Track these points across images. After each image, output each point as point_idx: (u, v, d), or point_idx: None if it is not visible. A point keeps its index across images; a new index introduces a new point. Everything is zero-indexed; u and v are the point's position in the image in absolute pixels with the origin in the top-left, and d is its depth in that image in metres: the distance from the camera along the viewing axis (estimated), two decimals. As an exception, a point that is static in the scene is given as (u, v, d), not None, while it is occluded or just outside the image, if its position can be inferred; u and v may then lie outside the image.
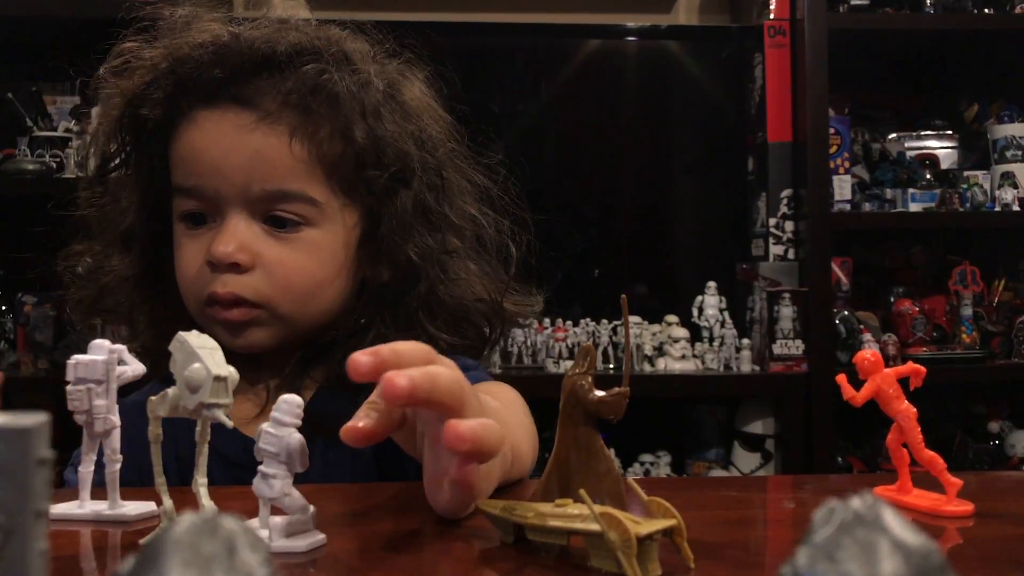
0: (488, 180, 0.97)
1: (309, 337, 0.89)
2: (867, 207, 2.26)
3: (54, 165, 2.11)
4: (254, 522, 0.53)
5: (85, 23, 2.08)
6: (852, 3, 2.22)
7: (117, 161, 0.91)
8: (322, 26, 0.91)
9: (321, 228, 0.86)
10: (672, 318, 2.20)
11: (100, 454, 0.60)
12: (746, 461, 2.23)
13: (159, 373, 0.82)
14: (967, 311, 2.24)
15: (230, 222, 0.84)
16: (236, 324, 0.85)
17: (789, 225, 2.20)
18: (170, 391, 0.51)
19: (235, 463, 0.82)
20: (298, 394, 0.89)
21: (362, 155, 0.86)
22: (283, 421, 0.52)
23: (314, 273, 0.86)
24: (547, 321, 2.18)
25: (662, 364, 2.17)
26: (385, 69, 0.92)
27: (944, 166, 2.42)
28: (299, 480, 0.86)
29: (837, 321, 2.18)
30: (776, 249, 2.20)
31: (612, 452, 2.11)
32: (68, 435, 0.85)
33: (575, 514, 0.48)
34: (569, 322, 2.19)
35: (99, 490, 0.61)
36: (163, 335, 0.90)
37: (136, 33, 0.90)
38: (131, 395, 0.87)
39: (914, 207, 2.25)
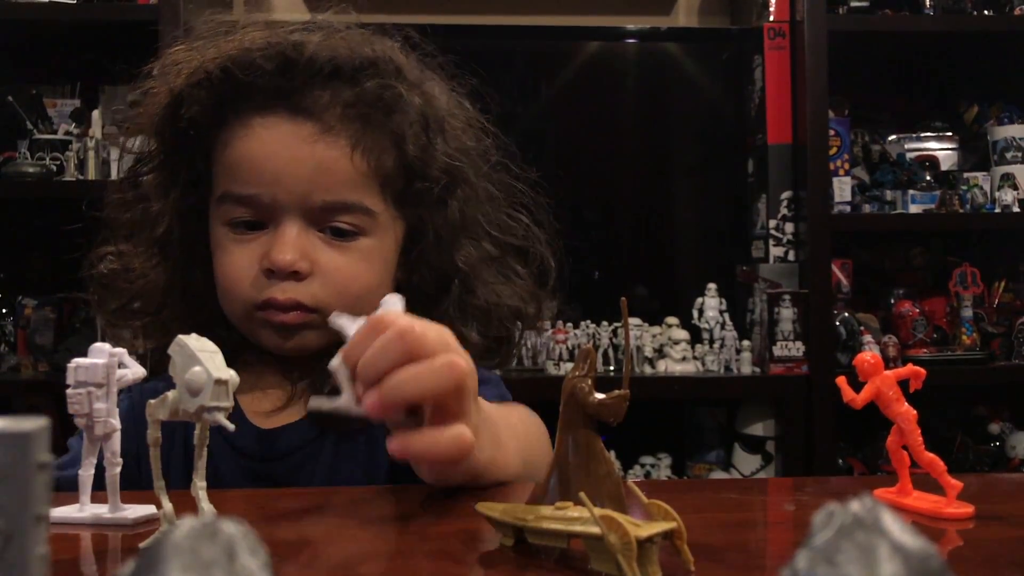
0: (526, 190, 1.00)
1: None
2: (867, 209, 2.26)
3: (54, 168, 2.11)
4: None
5: (86, 26, 2.09)
6: (852, 5, 2.22)
7: (155, 162, 0.90)
8: (371, 35, 0.91)
9: (375, 237, 0.87)
10: (672, 320, 2.20)
11: (100, 457, 0.60)
12: (746, 463, 2.23)
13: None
14: (967, 313, 2.24)
15: (287, 230, 0.84)
16: (290, 327, 0.85)
17: (789, 227, 2.20)
18: (170, 394, 0.51)
19: (248, 455, 0.84)
20: (322, 394, 0.91)
21: (412, 168, 0.87)
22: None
23: (367, 280, 0.87)
24: (547, 323, 2.18)
25: (662, 366, 2.17)
26: (435, 83, 0.93)
27: (944, 168, 2.42)
28: (305, 481, 0.87)
29: (837, 323, 2.18)
30: (776, 251, 2.20)
31: (612, 454, 2.12)
32: (68, 438, 0.86)
33: (575, 517, 0.48)
34: (569, 324, 2.19)
35: (99, 493, 0.61)
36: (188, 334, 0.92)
37: (182, 40, 0.89)
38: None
39: (914, 209, 2.25)
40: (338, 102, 0.85)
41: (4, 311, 2.20)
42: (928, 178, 2.31)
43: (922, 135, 2.47)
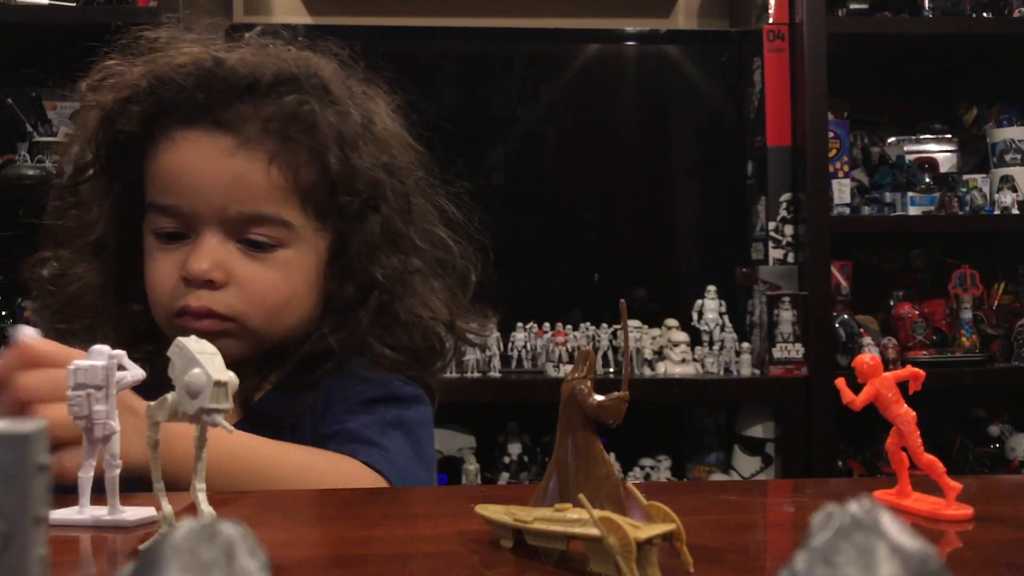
0: (452, 206, 1.00)
1: (275, 349, 0.92)
2: (866, 211, 2.26)
3: (54, 170, 2.11)
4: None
5: (85, 29, 2.09)
6: (851, 7, 2.22)
7: (91, 172, 0.93)
8: (301, 52, 0.94)
9: (294, 249, 0.89)
10: (672, 322, 2.20)
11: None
12: (746, 465, 2.23)
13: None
14: (967, 314, 2.24)
15: (205, 240, 0.87)
16: (205, 334, 0.85)
17: (789, 229, 2.20)
18: (169, 396, 0.51)
19: None
20: (252, 399, 0.91)
21: (336, 182, 0.89)
22: None
23: (285, 291, 0.89)
24: (547, 325, 2.18)
25: (662, 368, 2.17)
26: (358, 98, 0.95)
27: (943, 169, 2.42)
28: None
29: (837, 325, 2.18)
30: (776, 253, 2.20)
31: (612, 456, 2.11)
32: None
33: (574, 518, 0.48)
34: (569, 326, 2.19)
35: (98, 496, 0.61)
36: (126, 342, 0.93)
37: (118, 51, 0.92)
38: None
39: (913, 210, 2.25)
40: (258, 116, 0.87)
41: (4, 313, 2.20)
42: (927, 180, 2.31)
43: (921, 137, 2.47)
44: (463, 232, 1.00)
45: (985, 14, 2.26)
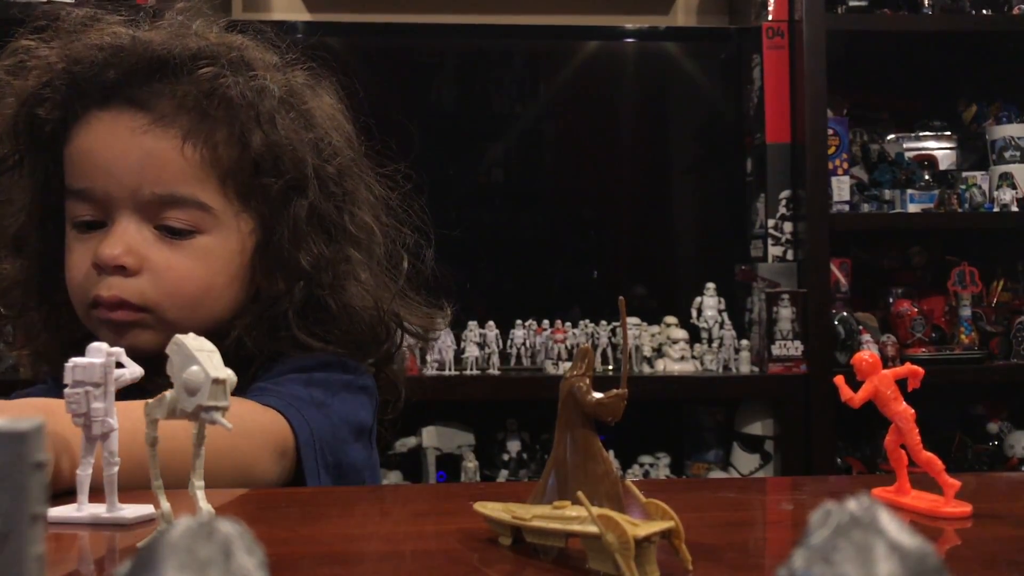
0: (390, 192, 0.96)
1: None
2: (866, 208, 2.26)
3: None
4: None
5: None
6: (850, 4, 2.22)
7: (11, 163, 0.89)
8: (225, 33, 0.90)
9: (214, 235, 0.86)
10: (671, 319, 2.20)
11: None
12: (745, 462, 2.23)
13: (55, 376, 0.83)
14: (966, 312, 2.24)
15: (119, 225, 0.84)
16: (120, 324, 0.84)
17: (788, 226, 2.20)
18: (168, 394, 0.51)
19: None
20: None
21: (259, 161, 0.85)
22: None
23: (204, 280, 0.85)
24: (546, 322, 2.18)
25: (661, 365, 2.18)
26: (287, 77, 0.91)
27: (942, 167, 2.42)
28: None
29: (836, 322, 2.18)
30: (775, 250, 2.20)
31: (611, 454, 2.12)
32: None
33: (573, 516, 0.48)
34: (568, 323, 2.19)
35: (96, 494, 0.61)
36: (58, 340, 0.91)
37: (33, 31, 0.88)
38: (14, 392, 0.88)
39: (913, 208, 2.25)
40: (174, 93, 0.84)
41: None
42: (927, 177, 2.31)
43: (921, 134, 2.47)
44: (405, 219, 0.96)
45: (984, 11, 2.26)
